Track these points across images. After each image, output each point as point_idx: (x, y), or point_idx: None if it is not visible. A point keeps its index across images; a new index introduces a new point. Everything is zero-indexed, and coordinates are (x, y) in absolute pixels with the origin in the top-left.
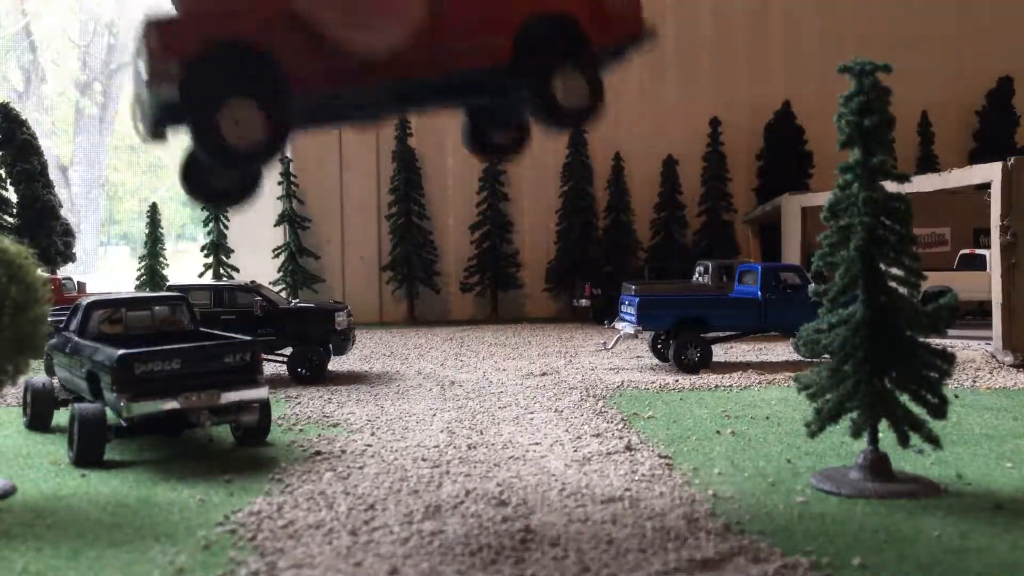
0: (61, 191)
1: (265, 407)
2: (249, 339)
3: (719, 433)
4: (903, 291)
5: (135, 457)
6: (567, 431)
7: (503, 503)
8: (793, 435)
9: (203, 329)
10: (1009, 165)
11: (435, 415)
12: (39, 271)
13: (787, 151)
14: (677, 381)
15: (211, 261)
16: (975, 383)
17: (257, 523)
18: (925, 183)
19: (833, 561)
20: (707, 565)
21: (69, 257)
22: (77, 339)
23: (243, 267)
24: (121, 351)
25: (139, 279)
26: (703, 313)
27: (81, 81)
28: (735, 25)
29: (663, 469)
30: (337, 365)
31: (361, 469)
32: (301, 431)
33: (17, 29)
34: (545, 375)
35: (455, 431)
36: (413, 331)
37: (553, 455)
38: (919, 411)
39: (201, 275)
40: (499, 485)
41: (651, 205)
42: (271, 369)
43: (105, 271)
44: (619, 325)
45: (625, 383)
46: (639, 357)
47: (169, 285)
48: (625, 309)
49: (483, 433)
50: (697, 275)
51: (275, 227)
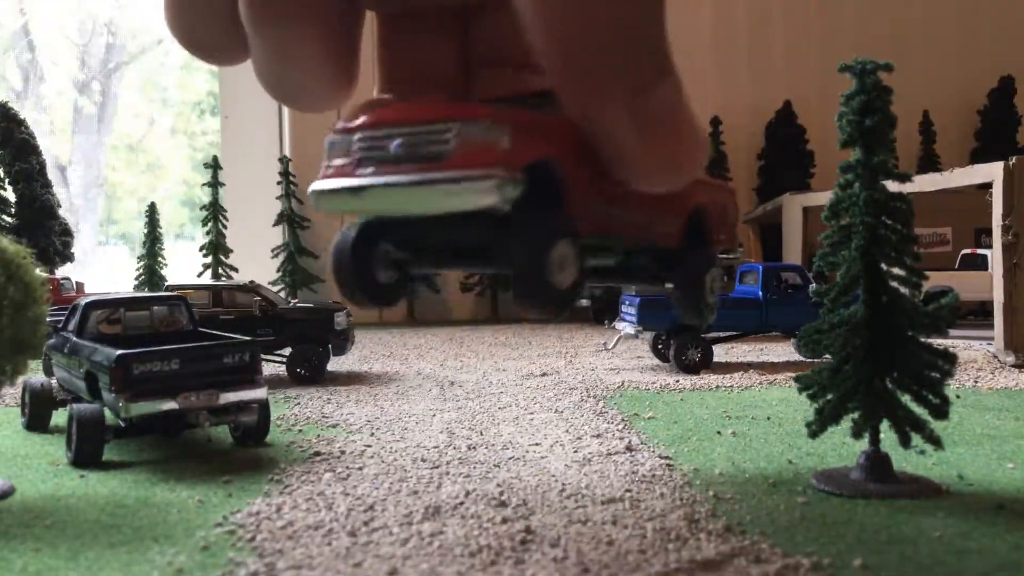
0: (59, 191)
1: (264, 407)
2: (248, 339)
3: (720, 434)
4: (904, 291)
5: (134, 457)
6: (567, 432)
7: (503, 504)
8: (794, 435)
9: (202, 329)
10: (1011, 165)
11: (435, 416)
12: (37, 271)
13: (788, 151)
14: (678, 381)
15: (210, 261)
16: (977, 383)
17: (256, 524)
18: (927, 183)
19: (834, 562)
20: (708, 566)
21: (67, 257)
22: (75, 339)
23: (242, 267)
24: (119, 351)
25: (138, 279)
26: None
27: (80, 80)
28: (735, 25)
29: (664, 470)
30: (336, 365)
31: (360, 470)
32: (300, 432)
33: (16, 28)
34: (545, 375)
35: (455, 432)
36: (413, 331)
37: (553, 456)
38: (920, 411)
39: (200, 275)
40: (499, 486)
41: None
42: (270, 369)
43: (104, 271)
44: (619, 325)
45: (625, 383)
46: (639, 357)
47: (168, 285)
48: (625, 309)
49: (483, 434)
50: None
51: (274, 227)
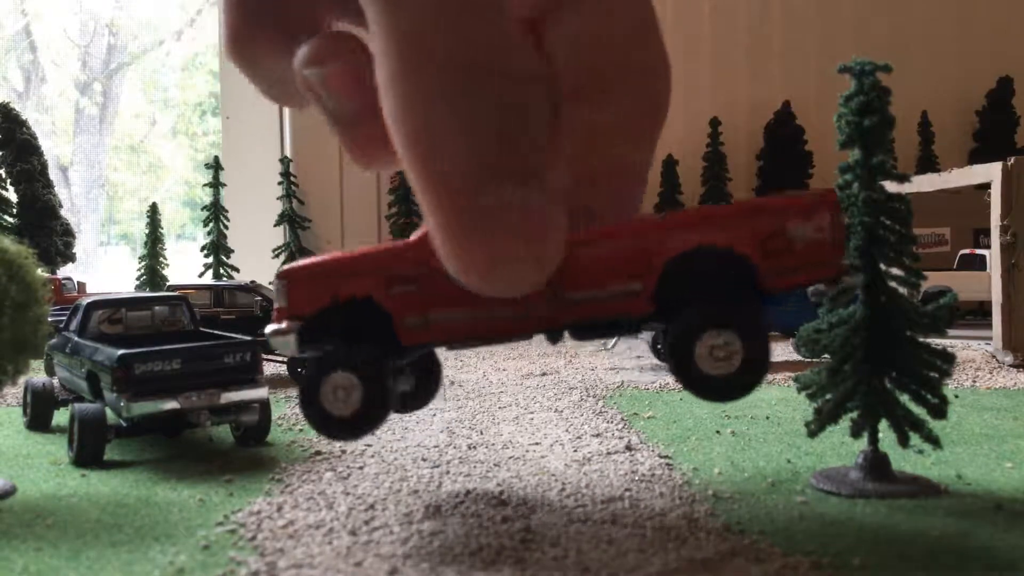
0: (61, 191)
1: (265, 407)
2: (249, 339)
3: (719, 433)
4: (903, 291)
5: (135, 457)
6: (567, 431)
7: (503, 503)
8: (793, 435)
9: (203, 329)
10: (1009, 165)
11: (435, 415)
12: (39, 271)
13: (787, 151)
14: (677, 381)
15: (211, 261)
16: (975, 383)
17: (257, 523)
18: (925, 183)
19: (834, 561)
20: (707, 565)
21: (69, 257)
22: (77, 339)
23: (243, 267)
24: (121, 351)
25: (139, 279)
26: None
27: (81, 81)
28: (735, 25)
29: (663, 469)
30: None
31: (361, 469)
32: (301, 431)
33: (17, 29)
34: (545, 375)
35: (455, 431)
36: None
37: (553, 455)
38: (919, 411)
39: (201, 275)
40: (499, 485)
41: (651, 205)
42: (271, 369)
43: (105, 271)
44: None
45: (625, 383)
46: (639, 357)
47: (169, 285)
48: None
49: (483, 433)
50: None
51: (275, 227)
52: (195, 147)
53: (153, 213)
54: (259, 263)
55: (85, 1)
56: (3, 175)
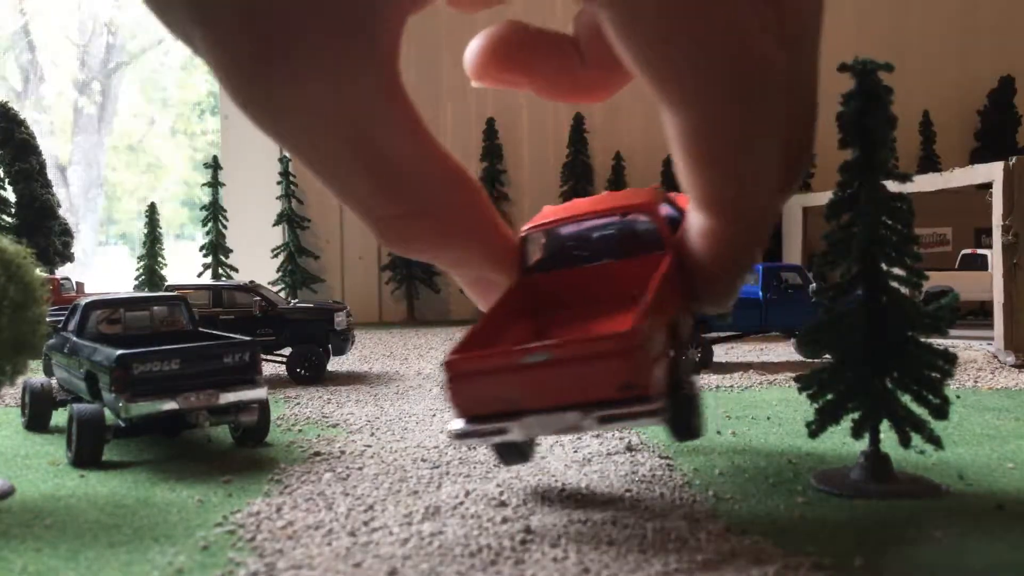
0: (59, 191)
1: (264, 407)
2: (248, 339)
3: (720, 434)
4: (904, 291)
5: (134, 457)
6: None
7: (503, 504)
8: (794, 435)
9: (202, 329)
10: (1011, 165)
11: (435, 415)
12: (37, 271)
13: None
14: None
15: (210, 261)
16: (977, 383)
17: (256, 524)
18: (926, 183)
19: (835, 562)
20: (708, 566)
21: (67, 257)
22: (75, 339)
23: (242, 267)
24: (120, 351)
25: (138, 279)
26: (703, 313)
27: (80, 80)
28: None
29: (663, 470)
30: (336, 365)
31: (360, 470)
32: (300, 432)
33: (16, 28)
34: None
35: None
36: (413, 331)
37: (553, 456)
38: (920, 411)
39: (200, 275)
40: (499, 486)
41: None
42: (270, 369)
43: (104, 271)
44: None
45: None
46: None
47: (168, 285)
48: None
49: None
50: None
51: (274, 227)
52: (194, 147)
53: (152, 213)
54: (258, 263)
55: (84, 1)
56: (1, 175)
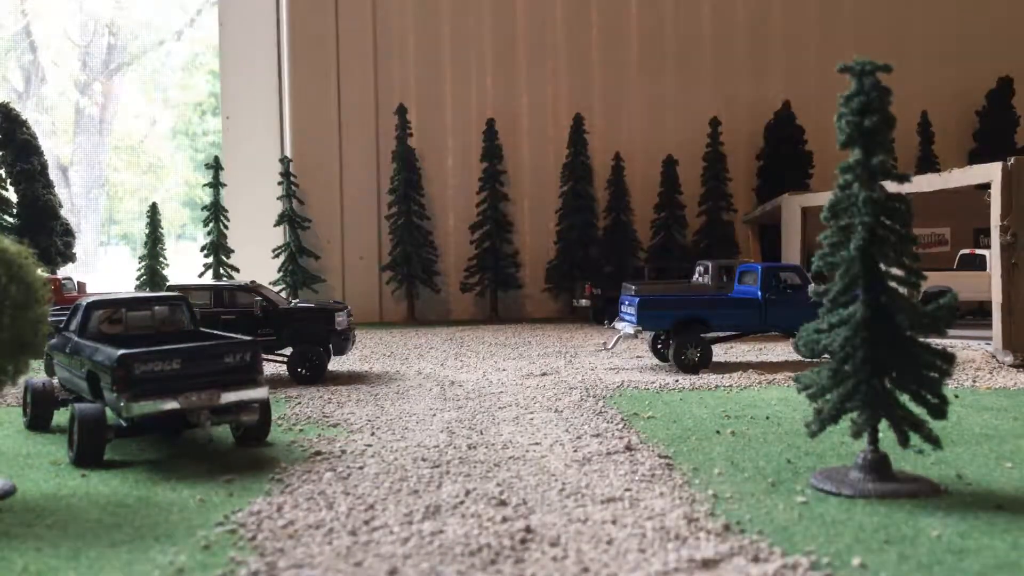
0: (61, 191)
1: (265, 407)
2: (249, 339)
3: (719, 433)
4: (903, 291)
5: (135, 457)
6: (567, 431)
7: (503, 503)
8: (793, 435)
9: (203, 329)
10: (1009, 165)
11: (435, 415)
12: (39, 271)
13: (787, 151)
14: (677, 381)
15: (211, 261)
16: (975, 383)
17: (257, 523)
18: (925, 183)
19: (833, 561)
20: (707, 565)
21: (69, 257)
22: (77, 339)
23: (243, 267)
24: (121, 351)
25: (139, 279)
26: (703, 313)
27: (81, 81)
28: (735, 25)
29: (663, 469)
30: (337, 365)
31: (361, 469)
32: (301, 431)
33: (17, 29)
34: (545, 375)
35: (455, 431)
36: (413, 331)
37: (553, 455)
38: (919, 411)
39: (201, 275)
40: (499, 485)
41: (651, 205)
42: (271, 369)
43: (105, 271)
44: (619, 325)
45: (625, 383)
46: (639, 357)
47: (169, 285)
48: (625, 309)
49: (483, 433)
50: (697, 275)
51: (275, 227)
52: (195, 147)
53: (153, 213)
54: (259, 263)
55: (85, 1)
56: (3, 175)
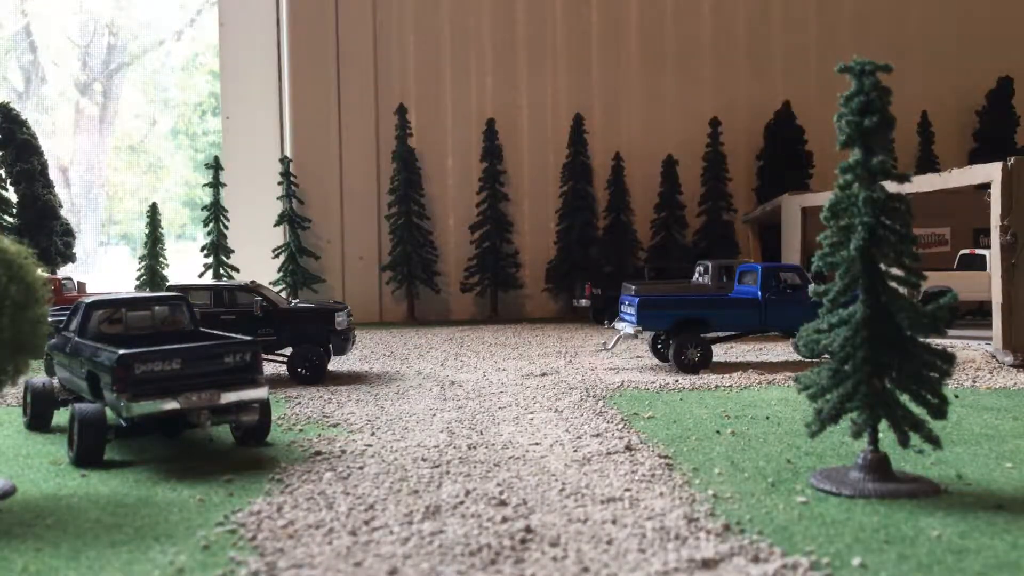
0: (61, 191)
1: (265, 407)
2: (249, 339)
3: (719, 433)
4: (903, 291)
5: (135, 457)
6: (567, 431)
7: (503, 503)
8: (793, 435)
9: (203, 329)
10: (1009, 165)
11: (435, 415)
12: (39, 271)
13: (787, 151)
14: (677, 381)
15: (211, 261)
16: (975, 383)
17: (257, 523)
18: (925, 183)
19: (833, 561)
20: (707, 565)
21: (69, 257)
22: (77, 339)
23: (243, 267)
24: (121, 351)
25: (139, 279)
26: (703, 313)
27: (81, 81)
28: (735, 25)
29: (663, 469)
30: (337, 365)
31: (361, 469)
32: (301, 431)
33: (17, 29)
34: (545, 375)
35: (455, 431)
36: (413, 331)
37: (553, 455)
38: (919, 411)
39: (201, 275)
40: (499, 485)
41: (651, 205)
42: (271, 369)
43: (105, 271)
44: (619, 325)
45: (625, 383)
46: (639, 357)
47: (169, 285)
48: (625, 309)
49: (483, 433)
50: (697, 275)
51: (275, 227)
52: (195, 147)
53: (153, 213)
54: (259, 263)
55: (85, 1)
56: (3, 175)
